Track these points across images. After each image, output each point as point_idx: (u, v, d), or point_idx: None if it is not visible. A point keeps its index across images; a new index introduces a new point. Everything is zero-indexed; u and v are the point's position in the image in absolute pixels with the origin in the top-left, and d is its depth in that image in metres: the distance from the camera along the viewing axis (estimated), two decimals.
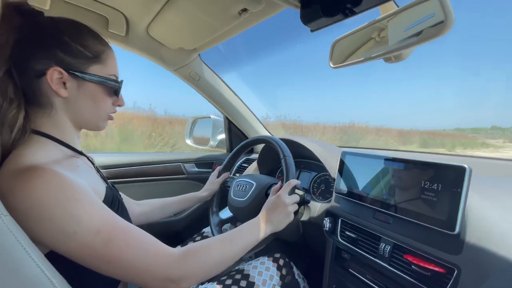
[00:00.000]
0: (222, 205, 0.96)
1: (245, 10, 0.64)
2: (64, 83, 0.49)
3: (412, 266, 0.54)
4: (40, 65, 0.47)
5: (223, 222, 0.92)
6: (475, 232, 0.49)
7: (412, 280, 0.54)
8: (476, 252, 0.47)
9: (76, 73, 0.49)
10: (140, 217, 0.84)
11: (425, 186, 0.55)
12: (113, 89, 0.55)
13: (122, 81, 0.57)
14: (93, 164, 0.61)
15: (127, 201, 0.82)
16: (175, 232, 1.20)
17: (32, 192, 0.39)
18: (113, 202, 0.54)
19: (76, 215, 0.40)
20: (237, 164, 1.35)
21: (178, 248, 0.50)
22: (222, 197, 0.98)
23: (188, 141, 1.61)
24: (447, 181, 0.52)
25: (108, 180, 0.64)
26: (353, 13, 0.46)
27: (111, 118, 0.59)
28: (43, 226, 0.39)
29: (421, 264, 0.53)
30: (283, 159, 0.77)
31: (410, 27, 0.57)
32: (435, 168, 0.54)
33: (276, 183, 0.82)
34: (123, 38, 0.87)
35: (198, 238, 0.96)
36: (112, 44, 0.89)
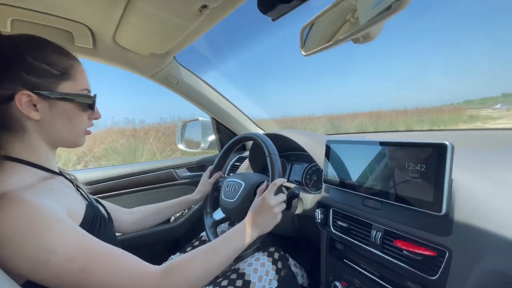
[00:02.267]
0: (216, 205, 0.94)
1: (205, 6, 0.61)
2: (35, 105, 0.47)
3: (404, 252, 0.52)
4: (6, 90, 0.45)
5: (217, 223, 0.91)
6: (463, 211, 0.46)
7: (405, 266, 0.52)
8: (466, 231, 0.45)
9: (45, 93, 0.47)
10: (133, 225, 0.83)
11: (409, 168, 0.53)
12: (87, 104, 0.53)
13: (95, 95, 0.55)
14: (72, 182, 0.59)
15: (119, 210, 0.81)
16: (174, 239, 1.19)
17: (1, 223, 0.38)
18: (94, 219, 0.53)
19: (47, 244, 0.39)
20: (230, 163, 1.34)
21: (162, 265, 0.48)
22: (215, 197, 0.97)
23: (181, 146, 1.59)
24: (429, 160, 0.49)
25: (98, 195, 0.63)
26: None
27: (88, 133, 0.57)
28: (15, 257, 0.38)
29: (412, 249, 0.51)
30: (268, 157, 0.74)
31: (378, 3, 0.54)
32: (416, 148, 0.52)
33: (264, 181, 0.81)
34: (91, 50, 0.84)
35: (197, 243, 0.95)
36: (81, 58, 0.87)
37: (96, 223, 0.53)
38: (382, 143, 0.59)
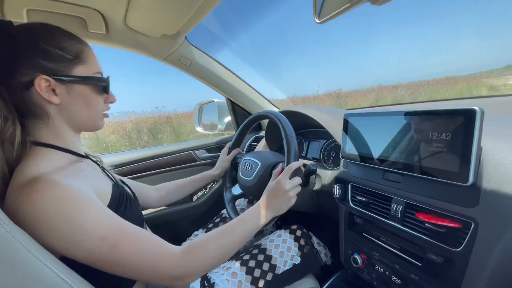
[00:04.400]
0: (234, 181, 0.97)
1: None
2: (54, 90, 0.49)
3: (426, 224, 0.51)
4: (25, 77, 0.47)
5: (235, 197, 0.94)
6: (492, 181, 0.43)
7: (427, 238, 0.51)
8: (494, 202, 0.43)
9: (62, 77, 0.49)
10: (159, 201, 0.88)
11: (433, 138, 0.50)
12: (101, 86, 0.55)
13: (108, 77, 0.57)
14: (98, 165, 0.63)
15: (145, 188, 0.86)
16: (197, 216, 1.24)
17: (36, 205, 0.40)
18: (121, 198, 0.56)
19: (80, 225, 0.41)
20: (247, 144, 1.35)
21: (181, 245, 0.51)
22: (234, 173, 0.99)
23: (198, 129, 1.61)
24: (456, 128, 0.46)
25: (124, 177, 0.67)
26: None
27: (106, 116, 0.60)
28: (50, 237, 0.41)
29: (435, 221, 0.49)
30: (285, 139, 0.73)
31: None
32: (441, 116, 0.48)
33: (280, 162, 0.80)
34: (104, 36, 0.85)
35: (218, 220, 0.99)
36: (96, 44, 0.90)
37: (122, 202, 0.56)
38: (404, 113, 0.55)
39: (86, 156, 0.59)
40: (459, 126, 0.46)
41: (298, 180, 0.67)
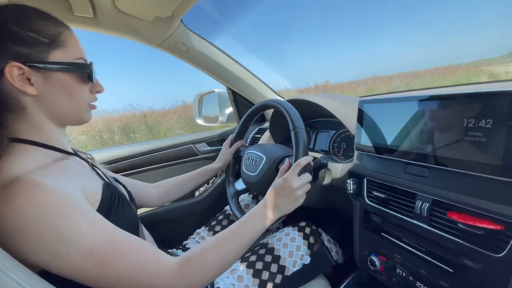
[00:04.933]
0: (238, 175, 0.90)
1: None
2: (29, 79, 0.43)
3: (459, 225, 0.44)
4: None
5: (239, 192, 0.88)
6: None
7: (460, 241, 0.44)
8: None
9: (36, 64, 0.43)
10: (159, 199, 0.83)
11: (469, 125, 0.42)
12: (85, 74, 0.48)
13: (91, 63, 0.50)
14: (87, 162, 0.56)
15: (143, 186, 0.81)
16: (199, 213, 1.19)
17: (15, 211, 0.35)
18: (112, 199, 0.50)
19: (65, 235, 0.36)
20: (250, 136, 1.28)
21: (177, 258, 0.46)
22: (237, 167, 0.93)
23: (199, 121, 1.54)
24: (499, 114, 0.39)
25: (120, 174, 0.61)
26: None
27: (93, 107, 0.53)
28: (31, 248, 0.36)
29: (470, 222, 0.43)
30: (293, 131, 0.64)
31: None
32: (480, 99, 0.41)
33: (287, 156, 0.73)
34: (92, 20, 0.78)
35: (221, 217, 0.94)
36: (83, 29, 0.82)
37: (114, 204, 0.50)
38: (428, 98, 0.48)
39: (74, 153, 0.53)
40: (503, 111, 0.38)
41: (307, 177, 0.60)
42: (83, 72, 0.48)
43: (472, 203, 0.43)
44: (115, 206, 0.50)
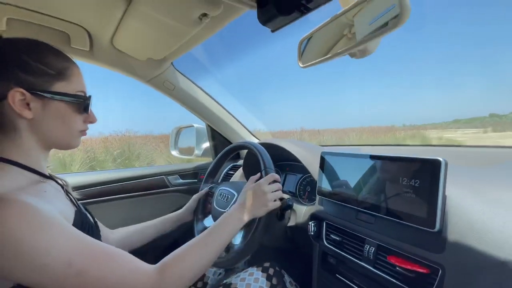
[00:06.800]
0: (208, 213, 0.92)
1: (205, 15, 0.61)
2: (28, 104, 0.46)
3: (397, 268, 0.52)
4: (0, 88, 0.45)
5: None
6: (456, 229, 0.46)
7: (398, 282, 0.51)
8: (459, 249, 0.45)
9: (39, 92, 0.47)
10: (118, 245, 0.77)
11: (403, 183, 0.53)
12: (81, 105, 0.52)
13: (90, 96, 0.54)
14: (62, 187, 0.57)
15: (102, 228, 0.77)
16: (172, 240, 1.15)
17: None
18: (83, 227, 0.51)
19: (44, 248, 0.37)
20: (224, 172, 1.32)
21: (156, 265, 0.48)
22: (209, 204, 0.95)
23: (174, 152, 1.57)
24: (423, 176, 0.50)
25: (89, 200, 0.61)
26: (308, 10, 0.44)
27: (83, 134, 0.56)
28: (9, 262, 0.36)
29: (405, 265, 0.50)
30: (263, 171, 0.74)
31: (375, 20, 0.55)
32: (410, 162, 0.52)
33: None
34: (87, 53, 0.84)
35: None
36: (77, 60, 0.86)
37: (84, 231, 0.51)
38: (376, 157, 0.59)
39: (50, 177, 0.54)
40: (426, 174, 0.49)
41: (277, 186, 0.68)
42: (79, 103, 0.52)
43: (406, 249, 0.51)
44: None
